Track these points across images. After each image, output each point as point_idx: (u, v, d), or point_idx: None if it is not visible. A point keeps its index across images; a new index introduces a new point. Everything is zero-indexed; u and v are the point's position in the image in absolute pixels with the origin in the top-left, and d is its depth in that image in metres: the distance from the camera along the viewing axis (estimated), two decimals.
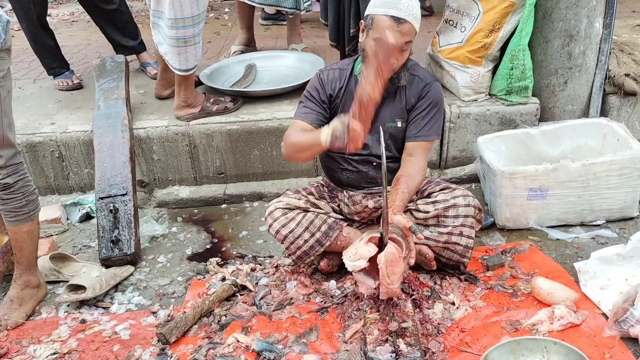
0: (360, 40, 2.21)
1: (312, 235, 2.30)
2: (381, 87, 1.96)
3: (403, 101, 2.27)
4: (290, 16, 3.87)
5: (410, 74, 2.26)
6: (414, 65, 2.30)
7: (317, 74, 2.33)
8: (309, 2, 3.78)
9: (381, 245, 1.94)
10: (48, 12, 3.57)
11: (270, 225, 2.32)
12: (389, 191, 2.18)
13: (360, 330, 2.05)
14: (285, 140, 2.25)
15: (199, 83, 3.33)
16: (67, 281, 2.42)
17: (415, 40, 2.20)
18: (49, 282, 2.51)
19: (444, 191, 2.29)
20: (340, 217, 2.42)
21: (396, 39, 1.99)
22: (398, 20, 2.03)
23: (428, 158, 2.37)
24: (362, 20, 2.18)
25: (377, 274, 1.92)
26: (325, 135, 2.01)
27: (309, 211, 2.32)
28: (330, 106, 2.30)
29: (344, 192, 2.43)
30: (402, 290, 2.11)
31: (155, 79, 3.45)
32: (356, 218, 2.43)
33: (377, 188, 2.39)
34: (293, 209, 2.31)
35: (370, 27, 2.09)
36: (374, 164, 2.34)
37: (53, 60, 3.54)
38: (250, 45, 3.97)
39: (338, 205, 2.46)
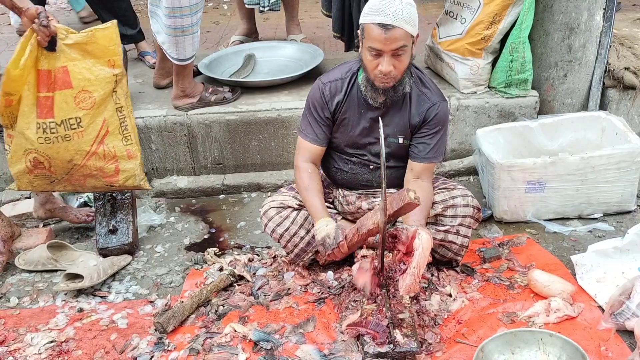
0: (359, 50, 2.14)
1: (308, 231, 2.29)
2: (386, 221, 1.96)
3: (407, 117, 2.22)
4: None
5: (418, 89, 2.20)
6: (423, 79, 2.23)
7: (319, 87, 2.25)
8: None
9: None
10: (46, 1, 3.55)
11: (266, 225, 2.32)
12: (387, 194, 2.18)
13: (358, 320, 2.06)
14: (295, 172, 2.32)
15: (197, 73, 3.31)
16: (65, 270, 2.42)
17: None
18: (46, 271, 2.51)
19: (443, 191, 2.28)
20: (335, 211, 2.42)
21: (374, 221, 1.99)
22: (385, 27, 1.95)
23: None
24: (358, 31, 2.11)
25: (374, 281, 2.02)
26: (318, 229, 2.15)
27: (303, 208, 2.32)
28: (333, 118, 2.26)
29: (339, 190, 2.43)
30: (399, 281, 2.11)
31: (153, 68, 3.43)
32: (349, 218, 2.42)
33: (372, 190, 2.36)
34: (287, 207, 2.31)
35: (363, 36, 2.05)
36: (371, 167, 2.32)
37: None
38: (251, 36, 3.94)
39: (332, 202, 2.46)
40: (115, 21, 2.35)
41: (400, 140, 2.25)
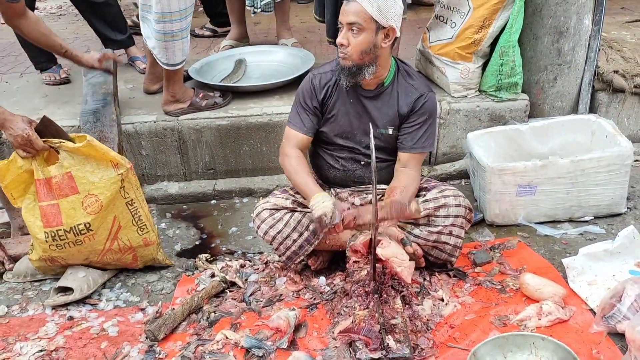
0: None
1: (301, 234, 2.29)
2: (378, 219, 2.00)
3: (395, 108, 2.25)
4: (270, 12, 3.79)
5: (406, 81, 2.25)
6: (409, 72, 2.29)
7: (310, 78, 2.31)
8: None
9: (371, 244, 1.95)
10: (36, 5, 3.52)
11: (258, 227, 2.31)
12: (379, 195, 2.18)
13: (350, 326, 2.05)
14: (282, 159, 2.32)
15: (188, 78, 3.30)
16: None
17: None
18: (35, 281, 2.49)
19: (435, 190, 2.28)
20: None
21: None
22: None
23: (421, 168, 2.37)
24: None
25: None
26: (315, 205, 2.12)
27: (296, 211, 2.31)
28: (322, 109, 2.30)
29: (331, 189, 2.43)
30: (391, 287, 2.11)
31: (143, 73, 3.41)
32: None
33: (364, 186, 2.38)
34: (280, 209, 2.30)
35: None
36: (362, 162, 2.33)
37: (40, 54, 3.49)
38: (242, 41, 3.93)
39: None
40: (88, 136, 2.31)
41: (390, 131, 2.28)
